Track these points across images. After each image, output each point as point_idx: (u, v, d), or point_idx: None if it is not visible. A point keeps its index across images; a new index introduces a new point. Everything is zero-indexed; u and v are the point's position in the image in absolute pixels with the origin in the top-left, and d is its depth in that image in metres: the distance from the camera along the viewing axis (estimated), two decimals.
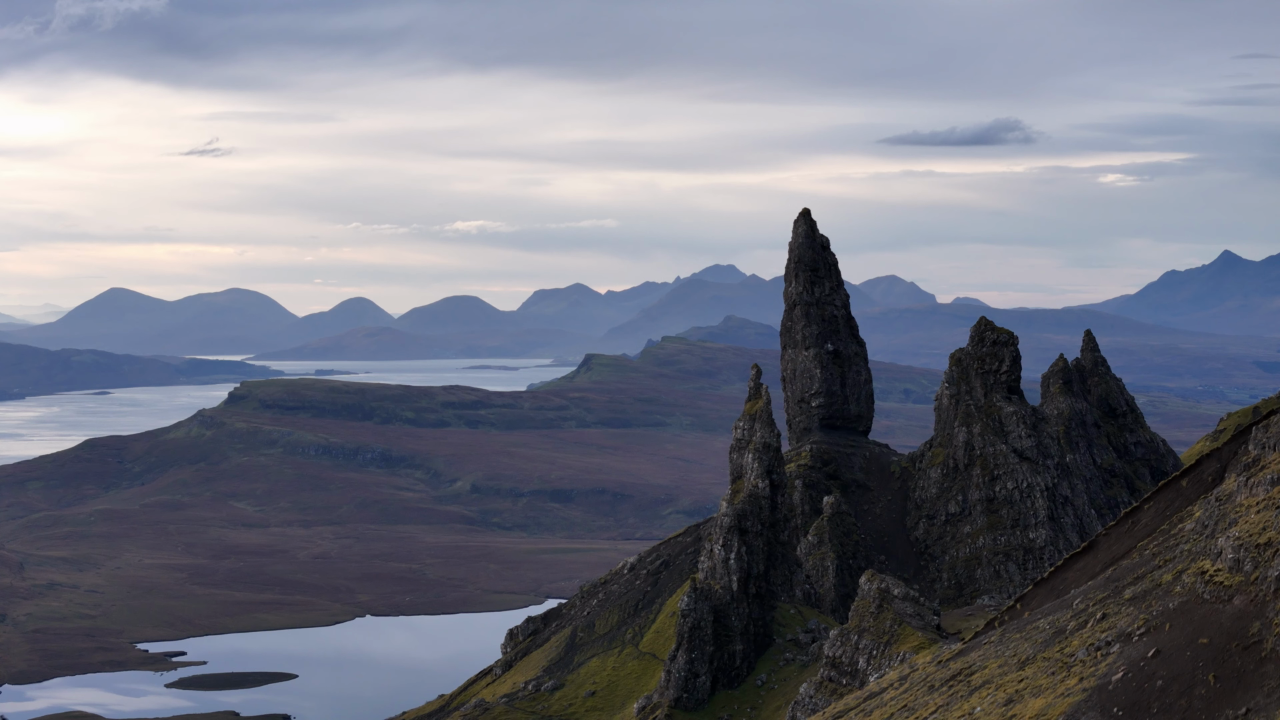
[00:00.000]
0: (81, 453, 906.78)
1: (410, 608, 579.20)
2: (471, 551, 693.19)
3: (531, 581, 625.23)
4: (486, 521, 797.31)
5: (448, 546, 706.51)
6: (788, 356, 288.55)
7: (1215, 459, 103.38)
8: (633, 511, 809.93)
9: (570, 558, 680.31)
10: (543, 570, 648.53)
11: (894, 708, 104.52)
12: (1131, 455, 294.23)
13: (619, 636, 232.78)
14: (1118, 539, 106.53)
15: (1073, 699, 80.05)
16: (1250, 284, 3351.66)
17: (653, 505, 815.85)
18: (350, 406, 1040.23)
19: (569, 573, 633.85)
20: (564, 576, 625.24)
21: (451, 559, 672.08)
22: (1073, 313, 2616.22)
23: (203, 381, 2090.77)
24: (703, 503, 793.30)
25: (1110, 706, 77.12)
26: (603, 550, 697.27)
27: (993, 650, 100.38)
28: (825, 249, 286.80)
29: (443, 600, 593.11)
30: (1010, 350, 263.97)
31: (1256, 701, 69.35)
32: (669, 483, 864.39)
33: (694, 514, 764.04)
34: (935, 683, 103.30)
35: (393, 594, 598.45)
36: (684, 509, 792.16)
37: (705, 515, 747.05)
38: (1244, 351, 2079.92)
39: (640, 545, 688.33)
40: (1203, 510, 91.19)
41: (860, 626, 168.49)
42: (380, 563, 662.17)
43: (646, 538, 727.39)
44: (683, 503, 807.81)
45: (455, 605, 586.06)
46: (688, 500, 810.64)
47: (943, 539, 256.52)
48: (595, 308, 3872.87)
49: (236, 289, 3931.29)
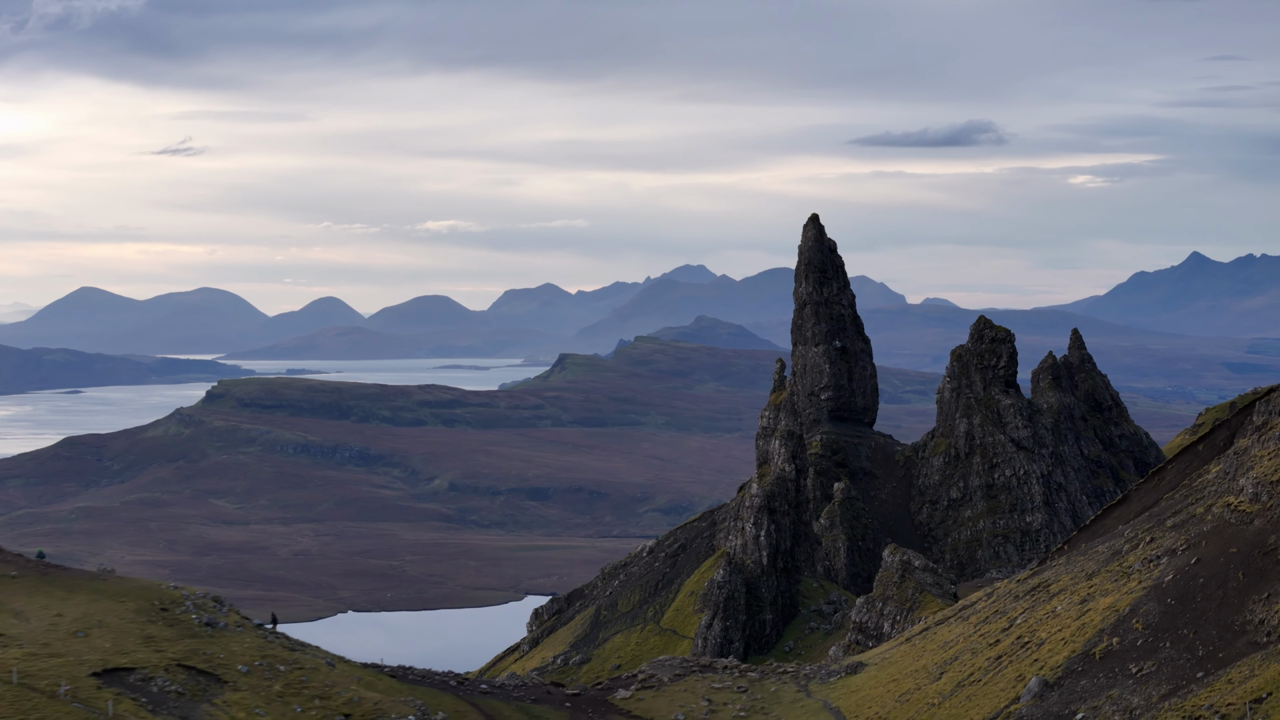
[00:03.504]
0: (61, 450, 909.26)
1: (392, 604, 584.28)
2: (451, 549, 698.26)
3: (511, 578, 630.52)
4: (465, 519, 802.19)
5: (427, 544, 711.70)
6: (798, 353, 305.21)
7: (1225, 428, 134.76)
8: (610, 509, 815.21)
9: (549, 555, 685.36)
10: (522, 567, 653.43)
11: (988, 612, 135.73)
12: (1116, 447, 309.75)
13: (640, 614, 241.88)
14: (1146, 492, 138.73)
15: (1135, 595, 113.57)
16: (1219, 285, 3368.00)
17: (629, 503, 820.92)
18: (327, 405, 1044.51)
19: (548, 569, 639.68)
20: (543, 573, 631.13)
21: (431, 556, 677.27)
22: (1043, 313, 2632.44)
23: (174, 381, 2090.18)
24: (679, 501, 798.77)
25: (1165, 599, 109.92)
26: (580, 547, 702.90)
27: (1062, 569, 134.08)
28: (833, 251, 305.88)
29: (424, 596, 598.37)
30: (1008, 347, 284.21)
31: (1275, 589, 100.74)
32: (645, 481, 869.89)
33: (670, 512, 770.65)
34: (1019, 594, 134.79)
35: (374, 590, 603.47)
36: (660, 507, 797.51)
37: (682, 513, 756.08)
38: (1213, 352, 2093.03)
39: (618, 542, 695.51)
40: (1224, 463, 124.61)
41: (884, 594, 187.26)
42: (361, 559, 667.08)
43: (623, 535, 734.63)
44: (659, 501, 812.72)
45: (436, 601, 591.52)
46: (664, 498, 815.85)
47: (945, 522, 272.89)
48: (566, 308, 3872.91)
49: (207, 288, 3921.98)
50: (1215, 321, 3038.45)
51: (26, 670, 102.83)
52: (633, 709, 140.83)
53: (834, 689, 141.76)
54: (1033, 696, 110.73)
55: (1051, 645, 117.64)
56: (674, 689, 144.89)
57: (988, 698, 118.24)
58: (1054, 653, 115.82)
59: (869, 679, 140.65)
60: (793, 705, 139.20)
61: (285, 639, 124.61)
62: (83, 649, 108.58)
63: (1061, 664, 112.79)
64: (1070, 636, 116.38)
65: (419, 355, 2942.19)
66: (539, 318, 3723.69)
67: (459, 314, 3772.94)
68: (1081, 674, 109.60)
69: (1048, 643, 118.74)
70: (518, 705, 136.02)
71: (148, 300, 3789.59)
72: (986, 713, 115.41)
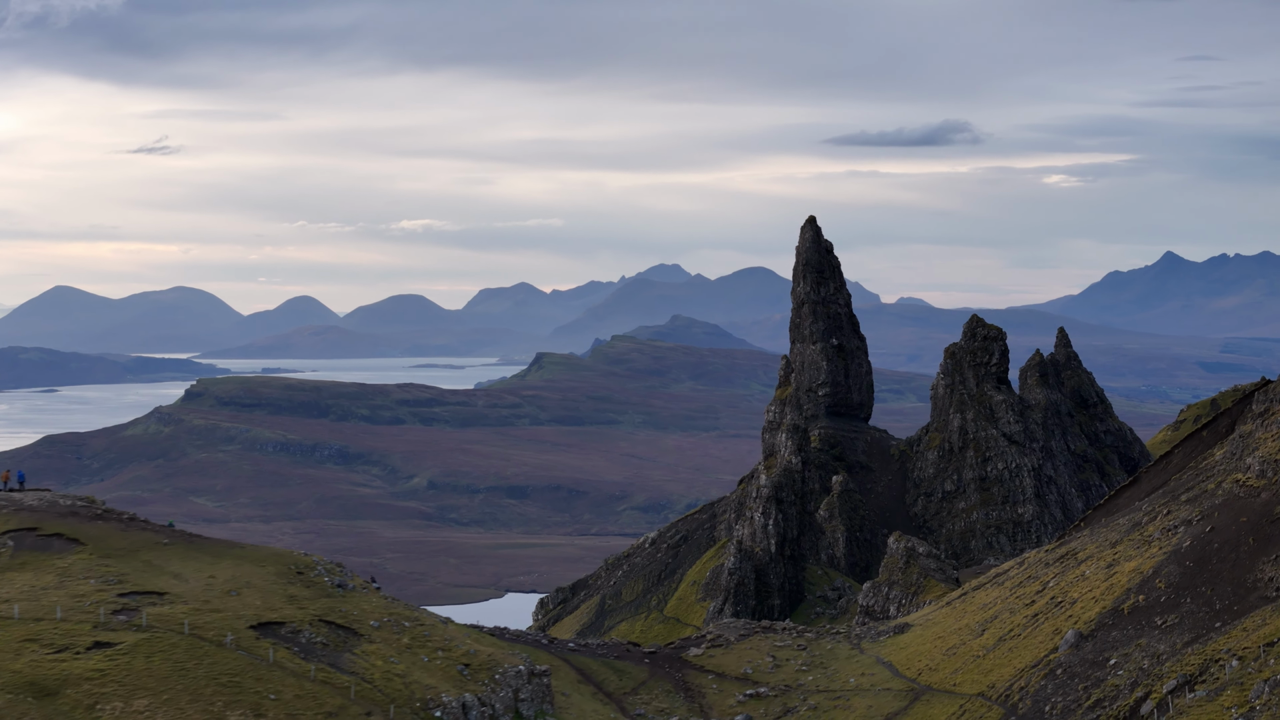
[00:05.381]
0: (40, 449, 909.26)
1: None
2: (431, 546, 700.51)
3: (492, 575, 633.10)
4: (444, 517, 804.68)
5: (407, 541, 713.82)
6: (796, 350, 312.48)
7: (1226, 416, 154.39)
8: (588, 507, 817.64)
9: (528, 552, 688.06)
10: (502, 565, 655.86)
11: (1021, 578, 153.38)
12: (1101, 442, 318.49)
13: (644, 603, 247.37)
14: (1155, 474, 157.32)
15: (1156, 559, 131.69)
16: (1192, 285, 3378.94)
17: (608, 501, 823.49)
18: (306, 404, 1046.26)
19: (528, 567, 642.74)
20: (523, 570, 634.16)
21: (411, 553, 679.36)
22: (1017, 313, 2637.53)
23: (150, 379, 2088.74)
24: (657, 499, 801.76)
25: (1184, 561, 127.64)
26: (560, 545, 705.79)
27: (1087, 539, 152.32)
28: (829, 253, 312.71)
29: (405, 594, 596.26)
30: (999, 345, 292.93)
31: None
32: (623, 479, 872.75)
33: (648, 510, 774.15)
34: (1048, 561, 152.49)
35: None
36: (638, 505, 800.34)
37: (661, 511, 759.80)
38: (1187, 352, 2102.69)
39: (597, 540, 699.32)
40: (1229, 446, 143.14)
41: (890, 579, 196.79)
42: (341, 557, 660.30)
43: (602, 533, 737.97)
44: (637, 499, 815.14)
45: (418, 599, 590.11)
46: (642, 496, 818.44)
47: (940, 514, 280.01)
48: (541, 307, 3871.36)
49: (182, 287, 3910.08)
50: (1189, 321, 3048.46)
51: (195, 623, 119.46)
52: (705, 664, 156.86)
53: (884, 646, 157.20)
54: (1069, 646, 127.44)
55: (1083, 603, 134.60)
56: (740, 647, 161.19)
57: (1028, 649, 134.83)
58: (1086, 609, 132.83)
59: (916, 637, 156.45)
60: (849, 660, 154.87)
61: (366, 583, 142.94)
62: (238, 606, 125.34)
63: (1094, 619, 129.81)
64: (1100, 595, 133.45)
65: (394, 354, 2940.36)
66: (513, 317, 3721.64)
67: (434, 313, 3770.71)
68: (1112, 627, 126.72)
69: (1080, 601, 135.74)
70: (603, 661, 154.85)
71: (122, 299, 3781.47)
72: (1028, 661, 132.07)
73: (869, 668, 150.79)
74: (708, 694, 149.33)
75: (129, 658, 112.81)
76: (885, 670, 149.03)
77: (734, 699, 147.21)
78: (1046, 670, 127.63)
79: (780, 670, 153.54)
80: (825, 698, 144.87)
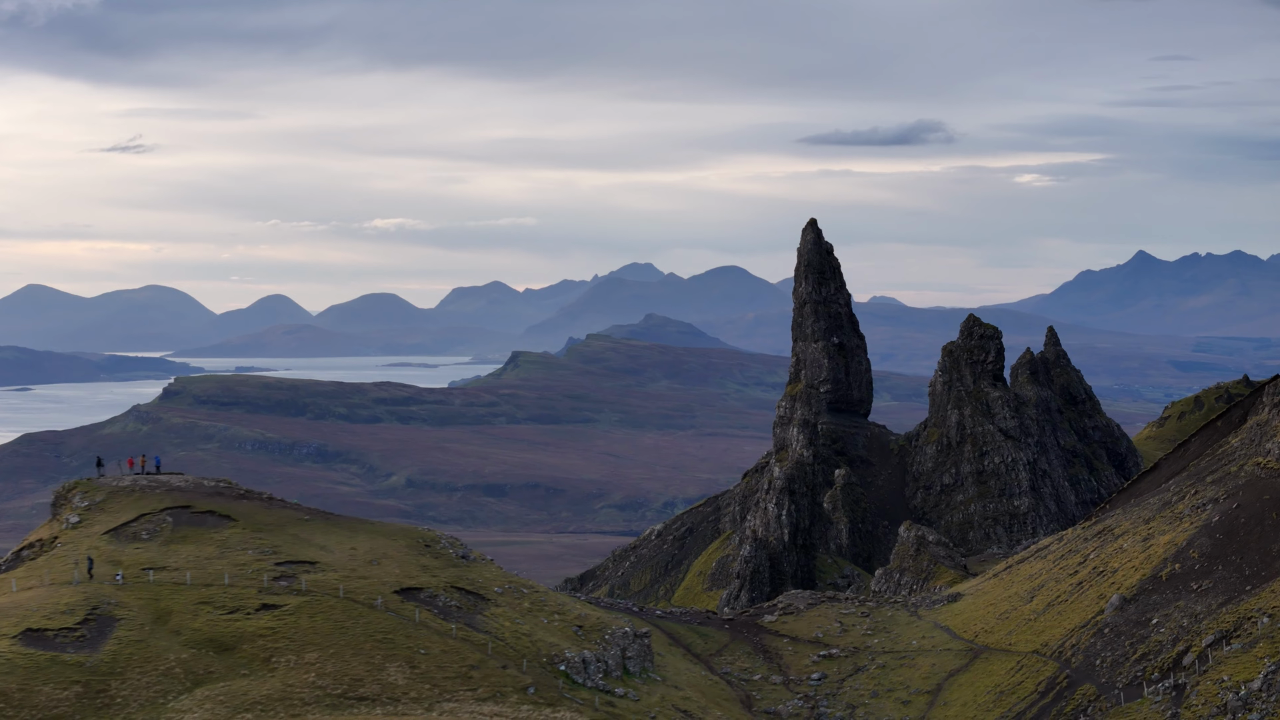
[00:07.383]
0: (19, 447, 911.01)
1: None
2: None
3: None
4: (422, 515, 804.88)
5: None
6: (798, 348, 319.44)
7: (1239, 408, 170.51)
8: (566, 505, 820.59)
9: (507, 550, 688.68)
10: None
11: (1062, 551, 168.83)
12: (1090, 438, 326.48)
13: (652, 593, 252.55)
14: (1174, 461, 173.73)
15: (1189, 533, 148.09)
16: (1165, 284, 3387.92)
17: (585, 499, 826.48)
18: (284, 403, 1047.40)
19: (507, 566, 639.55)
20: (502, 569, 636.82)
21: None
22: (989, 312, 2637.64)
23: (124, 378, 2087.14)
24: (635, 497, 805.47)
25: (1214, 534, 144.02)
26: (538, 543, 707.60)
27: (1120, 517, 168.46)
28: (830, 254, 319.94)
29: None
30: (995, 343, 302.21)
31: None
32: (600, 477, 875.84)
33: (626, 508, 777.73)
34: (1086, 537, 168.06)
35: None
36: (616, 503, 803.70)
37: (638, 509, 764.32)
38: (1159, 351, 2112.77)
39: (575, 538, 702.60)
40: (1245, 434, 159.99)
41: (901, 566, 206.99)
42: None
43: (580, 531, 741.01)
44: (615, 497, 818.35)
45: None
46: (620, 494, 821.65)
47: (938, 506, 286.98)
48: (514, 305, 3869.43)
49: (155, 286, 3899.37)
50: (1161, 320, 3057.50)
51: (348, 588, 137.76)
52: (779, 629, 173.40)
53: (940, 613, 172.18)
54: (1114, 609, 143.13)
55: (1124, 572, 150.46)
56: (810, 614, 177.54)
57: (1076, 612, 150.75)
58: (1127, 577, 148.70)
59: (968, 605, 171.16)
60: (909, 625, 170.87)
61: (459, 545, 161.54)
62: (380, 573, 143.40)
63: (1135, 585, 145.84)
64: (1139, 565, 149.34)
65: (367, 353, 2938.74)
66: (487, 316, 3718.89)
67: (407, 312, 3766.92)
68: (1153, 591, 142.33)
69: (1121, 570, 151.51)
70: (688, 626, 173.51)
71: (95, 298, 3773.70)
72: (1077, 623, 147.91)
73: (928, 631, 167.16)
74: (784, 655, 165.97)
75: (295, 617, 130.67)
76: (944, 633, 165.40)
77: (809, 659, 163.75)
78: (1095, 630, 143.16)
79: (848, 634, 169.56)
80: (891, 658, 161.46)
